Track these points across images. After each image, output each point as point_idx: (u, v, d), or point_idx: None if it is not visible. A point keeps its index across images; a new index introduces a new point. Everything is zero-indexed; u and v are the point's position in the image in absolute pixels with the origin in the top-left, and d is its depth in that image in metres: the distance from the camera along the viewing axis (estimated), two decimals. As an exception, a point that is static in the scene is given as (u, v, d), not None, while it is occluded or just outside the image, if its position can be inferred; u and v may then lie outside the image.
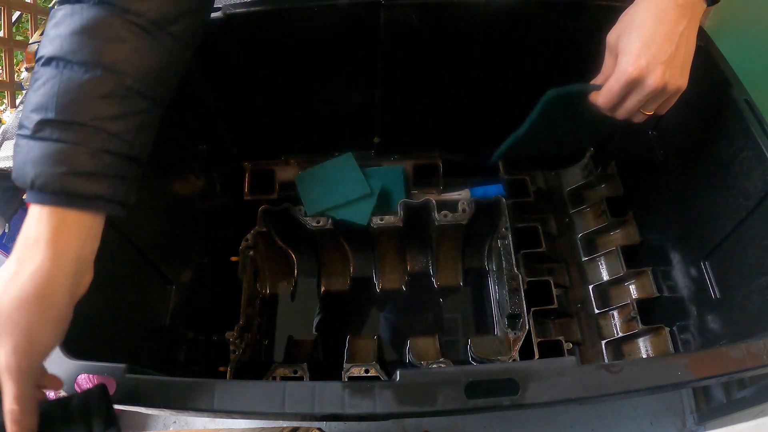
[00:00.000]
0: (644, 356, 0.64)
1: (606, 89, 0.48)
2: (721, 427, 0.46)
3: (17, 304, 0.33)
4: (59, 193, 0.35)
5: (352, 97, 0.69)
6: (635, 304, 0.65)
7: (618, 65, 0.46)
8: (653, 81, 0.45)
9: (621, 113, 0.49)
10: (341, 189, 0.74)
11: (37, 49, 0.37)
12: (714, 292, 0.56)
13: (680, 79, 0.46)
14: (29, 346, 0.34)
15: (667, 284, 0.65)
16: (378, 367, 0.62)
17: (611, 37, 0.48)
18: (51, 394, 0.38)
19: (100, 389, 0.36)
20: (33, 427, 0.34)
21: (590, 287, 0.71)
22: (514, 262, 0.66)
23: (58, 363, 0.38)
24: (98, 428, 0.34)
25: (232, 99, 0.70)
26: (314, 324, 0.73)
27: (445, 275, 0.74)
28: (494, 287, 0.72)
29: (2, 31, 1.16)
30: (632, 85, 0.46)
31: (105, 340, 0.46)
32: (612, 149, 0.75)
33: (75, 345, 0.40)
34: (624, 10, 0.48)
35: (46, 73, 0.35)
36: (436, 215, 0.68)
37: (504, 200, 0.70)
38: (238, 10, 0.60)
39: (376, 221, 0.69)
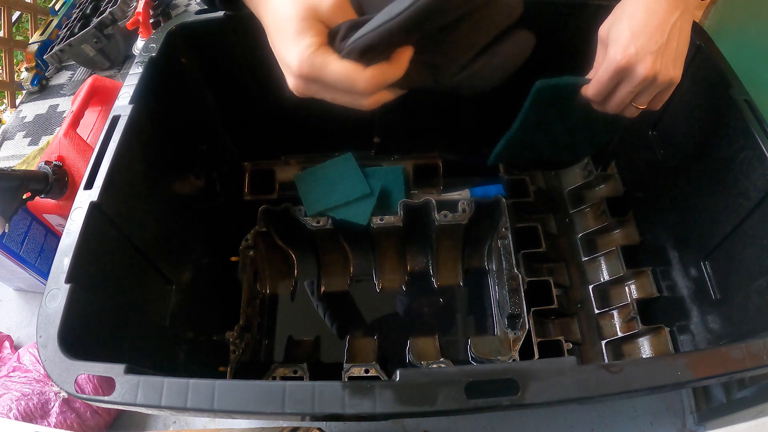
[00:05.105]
0: (644, 356, 0.64)
1: (595, 79, 0.47)
2: (721, 427, 0.46)
3: None
4: None
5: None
6: (635, 304, 0.65)
7: (607, 55, 0.46)
8: (643, 70, 0.44)
9: (611, 106, 0.48)
10: (341, 189, 0.74)
11: (37, 48, 0.37)
12: (714, 292, 0.56)
13: (672, 71, 0.45)
14: None
15: (667, 284, 0.65)
16: (378, 367, 0.62)
17: (602, 29, 0.48)
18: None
19: None
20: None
21: (590, 287, 0.71)
22: (514, 262, 0.66)
23: (57, 363, 0.38)
24: None
25: (232, 99, 0.70)
26: (314, 324, 0.73)
27: (445, 275, 0.74)
28: (494, 287, 0.72)
29: (2, 31, 1.16)
30: (622, 74, 0.45)
31: (105, 340, 0.46)
32: (612, 149, 0.75)
33: (75, 345, 0.40)
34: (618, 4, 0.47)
35: None
36: (436, 215, 0.68)
37: (504, 200, 0.70)
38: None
39: (376, 221, 0.69)
